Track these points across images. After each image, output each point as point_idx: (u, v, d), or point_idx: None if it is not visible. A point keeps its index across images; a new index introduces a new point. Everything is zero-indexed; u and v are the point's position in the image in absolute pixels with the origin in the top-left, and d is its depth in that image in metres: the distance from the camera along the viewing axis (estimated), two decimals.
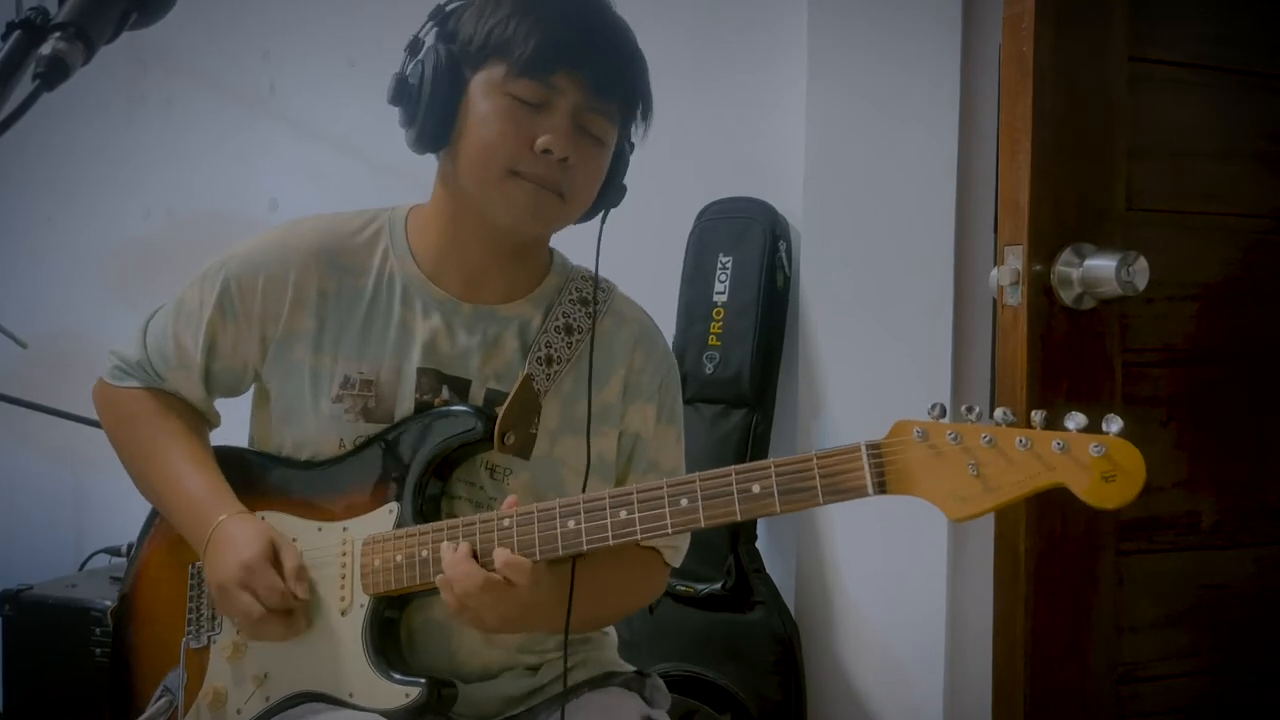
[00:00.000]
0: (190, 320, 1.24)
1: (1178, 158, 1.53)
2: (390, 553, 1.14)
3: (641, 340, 1.26)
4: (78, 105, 2.46)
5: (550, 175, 1.14)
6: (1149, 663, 1.56)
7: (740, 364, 2.03)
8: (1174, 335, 1.55)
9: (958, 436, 0.93)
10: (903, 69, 1.89)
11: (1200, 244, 1.55)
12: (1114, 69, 1.47)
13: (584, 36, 1.13)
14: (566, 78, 1.12)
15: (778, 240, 2.05)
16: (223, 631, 1.22)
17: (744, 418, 2.03)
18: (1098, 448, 0.89)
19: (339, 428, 1.19)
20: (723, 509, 1.03)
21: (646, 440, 1.26)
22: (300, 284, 1.20)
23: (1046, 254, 1.43)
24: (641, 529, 1.06)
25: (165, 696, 1.21)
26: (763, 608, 1.99)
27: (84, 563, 2.32)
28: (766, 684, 1.97)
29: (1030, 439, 0.91)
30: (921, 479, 0.95)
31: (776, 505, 1.00)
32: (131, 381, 1.27)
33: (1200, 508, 1.57)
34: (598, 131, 1.16)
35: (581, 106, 1.14)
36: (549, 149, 1.12)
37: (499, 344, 1.21)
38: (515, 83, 1.13)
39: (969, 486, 0.93)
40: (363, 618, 1.15)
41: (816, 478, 0.99)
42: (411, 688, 1.11)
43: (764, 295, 2.03)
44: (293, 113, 2.46)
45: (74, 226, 2.61)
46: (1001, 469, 0.91)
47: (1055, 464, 0.90)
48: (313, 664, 1.16)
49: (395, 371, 1.19)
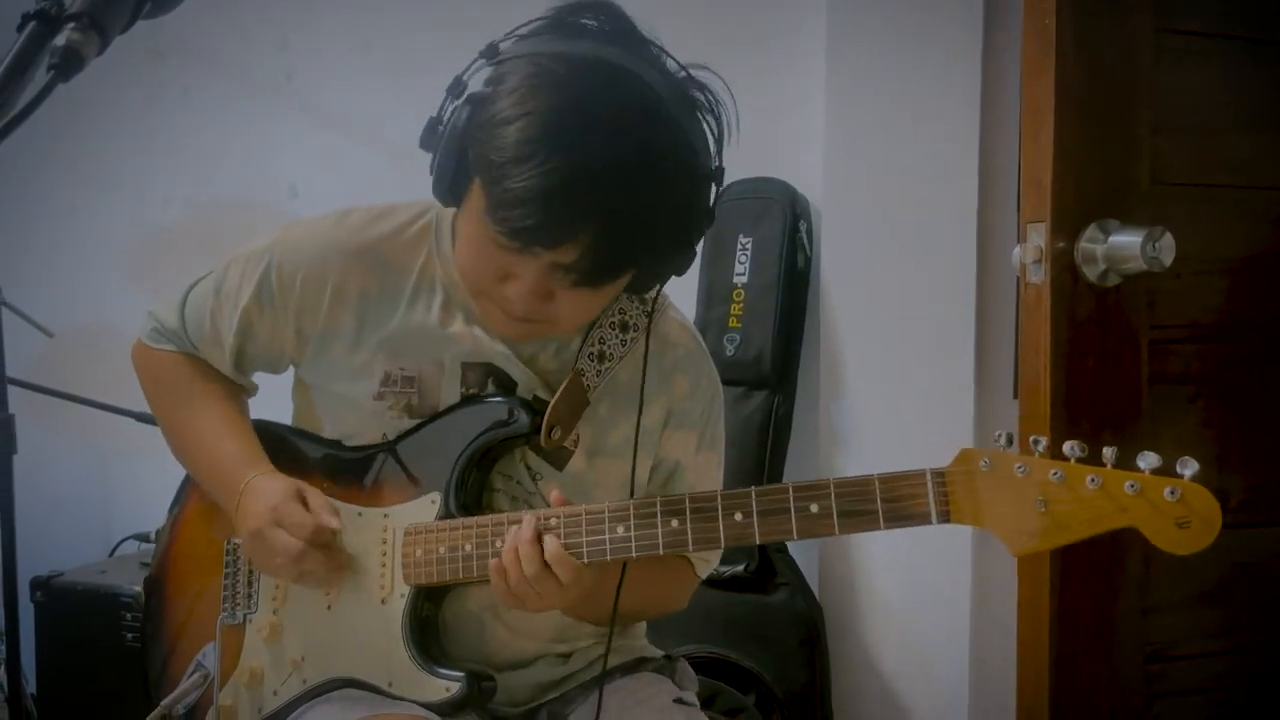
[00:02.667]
0: (228, 301, 1.22)
1: (1204, 131, 1.51)
2: (433, 544, 1.13)
3: (688, 367, 1.20)
4: (97, 95, 2.47)
5: (514, 311, 1.06)
6: (1177, 642, 1.55)
7: (761, 346, 2.02)
8: (1201, 311, 1.53)
9: (1026, 469, 0.91)
10: (923, 45, 1.87)
11: (1227, 218, 1.53)
12: (1139, 41, 1.45)
13: (577, 216, 0.96)
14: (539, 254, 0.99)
15: (798, 220, 2.04)
16: (259, 610, 1.21)
17: (765, 400, 2.02)
18: (1173, 492, 0.87)
19: (382, 424, 1.18)
20: (778, 526, 1.01)
21: (686, 467, 1.22)
22: (340, 284, 1.17)
23: (1070, 231, 1.42)
24: (693, 540, 1.04)
25: (199, 671, 1.21)
26: (786, 589, 1.99)
27: (113, 549, 2.35)
28: (790, 665, 1.97)
29: (1102, 478, 0.88)
30: (987, 511, 0.93)
31: (835, 527, 0.98)
32: (168, 345, 1.27)
33: (1228, 485, 1.55)
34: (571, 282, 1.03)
35: (570, 284, 1.02)
36: (510, 299, 1.04)
37: (535, 362, 1.18)
38: (488, 217, 0.99)
39: (1036, 522, 0.91)
40: (402, 608, 1.14)
41: (878, 501, 0.97)
42: (452, 682, 1.11)
43: (785, 276, 2.02)
44: (310, 99, 2.46)
45: (96, 216, 2.63)
46: (1071, 508, 0.89)
47: (1128, 505, 0.88)
48: (351, 650, 1.16)
49: (438, 365, 1.17)
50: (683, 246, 1.07)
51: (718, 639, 1.96)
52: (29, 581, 2.09)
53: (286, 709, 1.18)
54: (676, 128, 1.01)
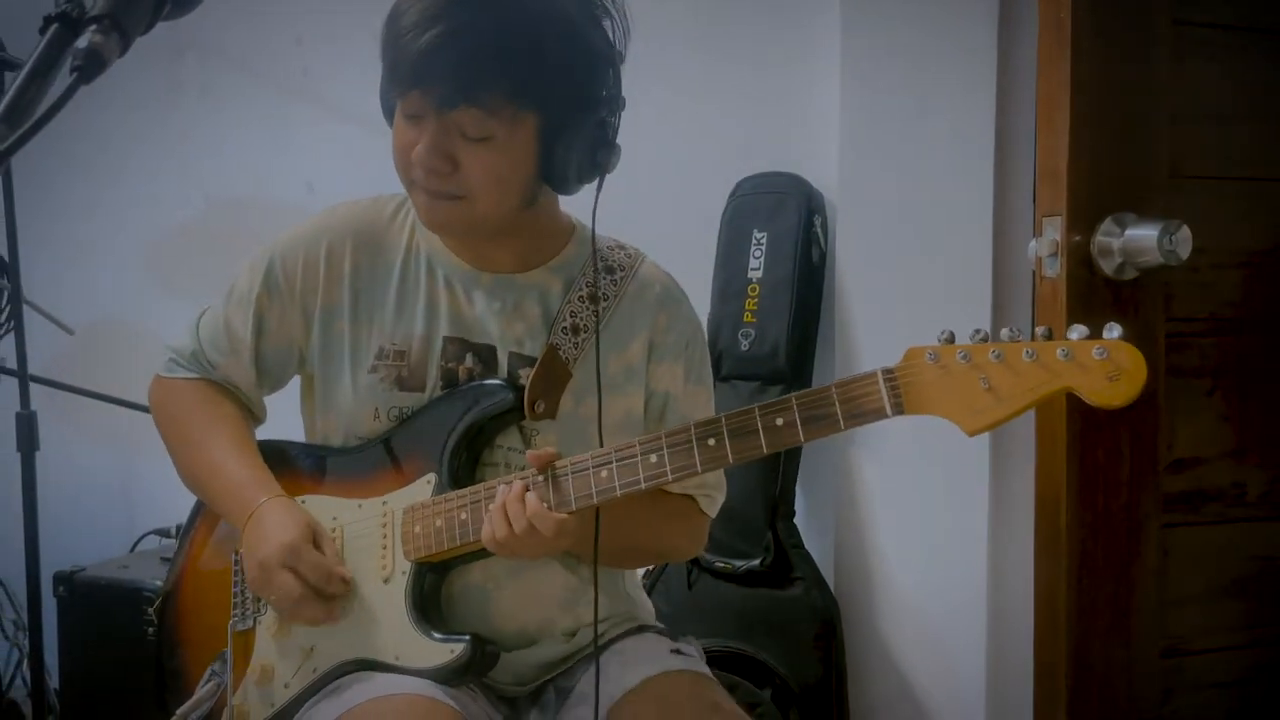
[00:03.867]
0: (241, 303, 1.28)
1: (1221, 123, 1.50)
2: (430, 518, 1.18)
3: (665, 302, 1.28)
4: (117, 93, 2.48)
5: (433, 184, 1.16)
6: (1195, 636, 1.54)
7: (776, 340, 2.02)
8: (1219, 304, 1.52)
9: (967, 355, 0.99)
10: (938, 38, 1.86)
11: (1244, 211, 1.53)
12: (1155, 33, 1.44)
13: (428, 46, 1.09)
14: (421, 93, 1.12)
15: (813, 215, 2.03)
16: (268, 612, 1.24)
17: (780, 394, 2.01)
18: (1100, 351, 0.93)
19: (374, 398, 1.23)
20: (749, 444, 1.06)
21: (678, 398, 1.28)
22: (332, 259, 1.25)
23: (1086, 224, 1.41)
24: (671, 469, 1.09)
25: (213, 680, 1.24)
26: (802, 583, 1.99)
27: (135, 544, 2.37)
28: (806, 659, 1.97)
29: (1036, 350, 0.96)
30: (936, 397, 1.00)
31: (800, 434, 1.04)
32: (184, 372, 1.31)
33: (1247, 478, 1.55)
34: (475, 132, 1.13)
35: (444, 114, 1.13)
36: (415, 163, 1.15)
37: (519, 310, 1.24)
38: (392, 93, 1.17)
39: (981, 399, 0.98)
40: (405, 583, 1.18)
41: (836, 404, 1.03)
42: (455, 644, 1.15)
43: (799, 270, 2.01)
44: (326, 96, 2.47)
45: (116, 214, 2.65)
46: (1011, 380, 0.97)
47: (1061, 371, 0.95)
48: (358, 633, 1.19)
49: (425, 341, 1.23)
50: (569, 106, 1.14)
51: (734, 633, 1.96)
52: (51, 576, 2.10)
53: (297, 702, 1.21)
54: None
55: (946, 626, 1.93)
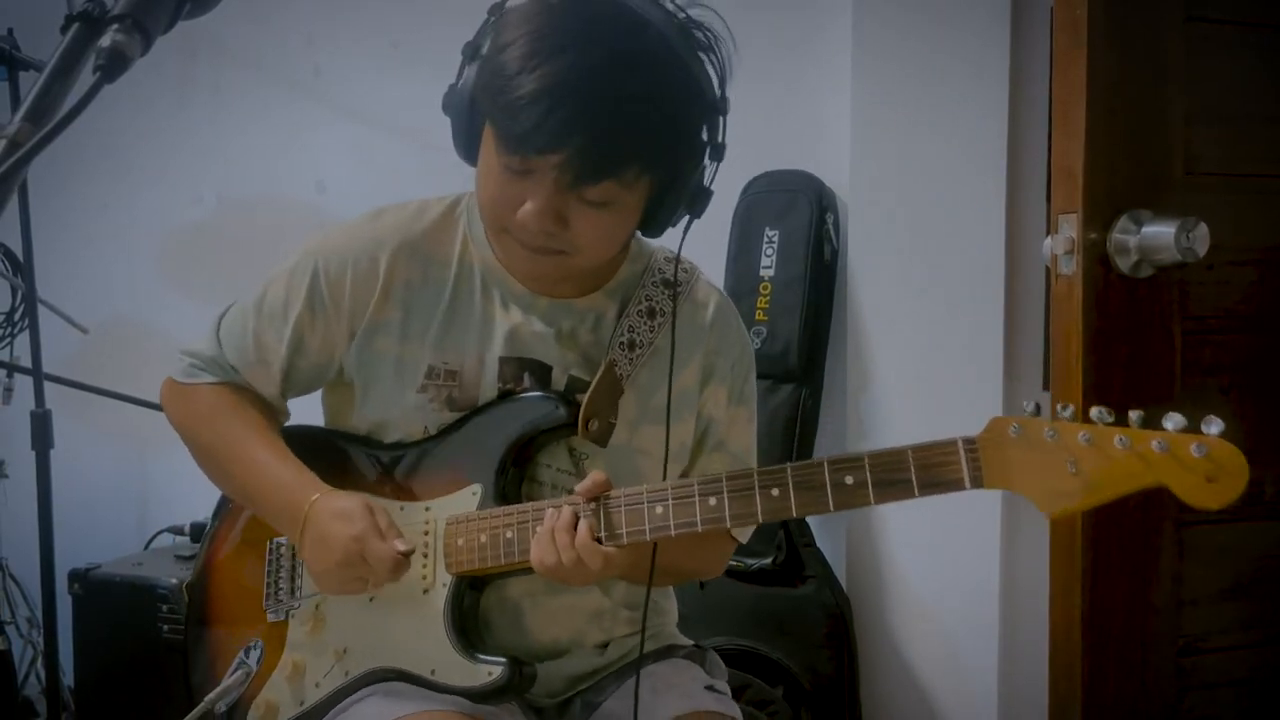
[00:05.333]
0: (274, 319, 1.22)
1: (1237, 120, 1.50)
2: (474, 533, 1.15)
3: (716, 322, 1.24)
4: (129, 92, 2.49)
5: (539, 241, 1.09)
6: (1211, 634, 1.54)
7: (788, 338, 2.02)
8: (1235, 301, 1.52)
9: (1055, 434, 0.93)
10: (950, 36, 1.86)
11: (1262, 208, 1.52)
12: (1171, 30, 1.44)
13: (565, 119, 1.01)
14: (546, 159, 1.03)
15: (825, 213, 2.03)
16: (302, 604, 1.23)
17: (792, 392, 2.02)
18: (1199, 448, 0.89)
19: (424, 416, 1.19)
20: (815, 500, 1.02)
21: (718, 422, 1.25)
22: (389, 276, 1.19)
23: (1102, 222, 1.41)
24: (731, 515, 1.06)
25: (242, 669, 1.22)
26: (813, 581, 1.99)
27: (149, 541, 2.38)
28: (818, 657, 1.97)
29: (1130, 438, 0.90)
30: (1018, 474, 0.95)
31: (871, 496, 1.00)
32: (206, 377, 1.26)
33: (1263, 477, 1.54)
34: (596, 198, 1.07)
35: (567, 184, 1.05)
36: (524, 224, 1.07)
37: (575, 336, 1.21)
38: (500, 146, 1.06)
39: (1067, 482, 0.93)
40: (445, 596, 1.15)
41: (912, 469, 0.99)
42: (494, 667, 1.12)
43: (811, 269, 2.01)
44: (337, 95, 2.48)
45: (128, 213, 2.66)
46: (1101, 468, 0.91)
47: (1156, 464, 0.90)
48: (394, 640, 1.17)
49: (478, 361, 1.19)
50: (684, 164, 1.10)
51: (746, 632, 1.96)
52: (66, 574, 2.11)
53: (328, 702, 1.19)
54: (666, 45, 1.06)
55: (959, 624, 1.93)
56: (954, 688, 1.96)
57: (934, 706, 1.98)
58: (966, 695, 1.94)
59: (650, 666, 1.23)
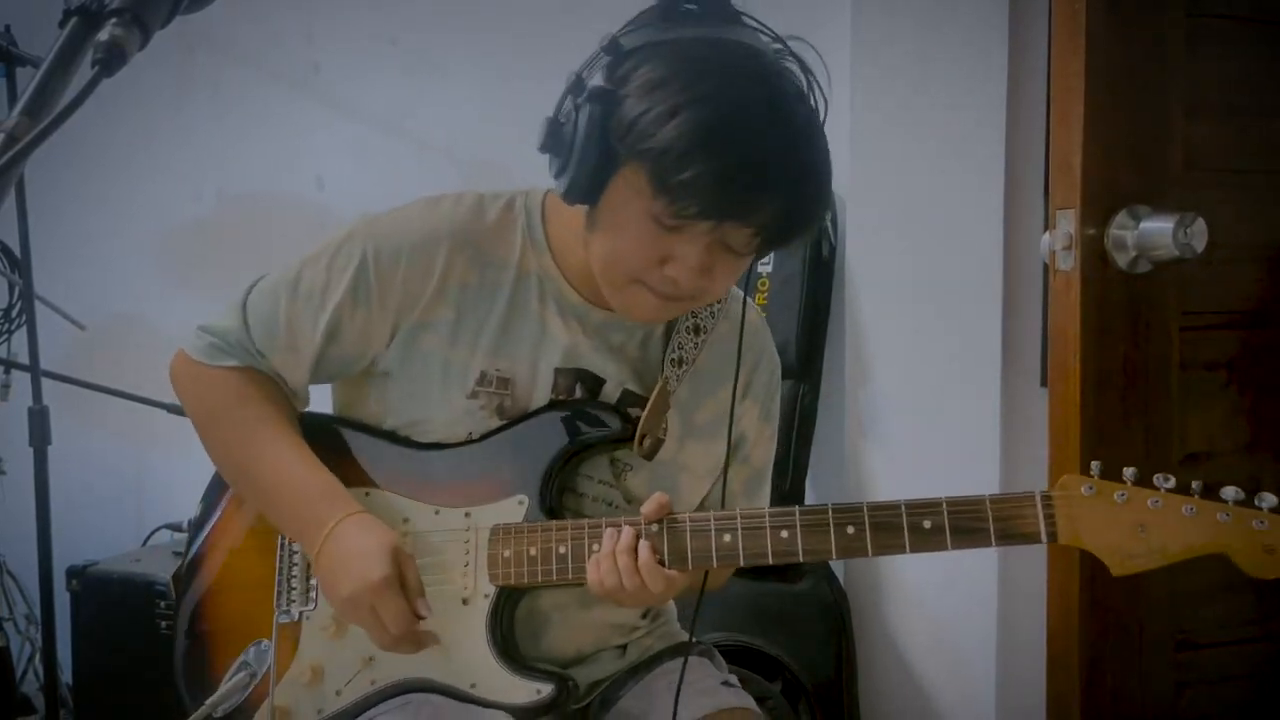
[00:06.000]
0: (310, 302, 1.15)
1: (1236, 115, 1.50)
2: (523, 545, 1.11)
3: (755, 340, 1.23)
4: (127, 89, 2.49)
5: (677, 292, 1.06)
6: (1208, 630, 1.54)
7: (786, 335, 2.02)
8: (1234, 297, 1.52)
9: (1125, 496, 1.00)
10: (948, 33, 1.86)
11: (1261, 203, 1.52)
12: (1171, 25, 1.44)
13: (751, 188, 0.99)
14: (716, 224, 1.01)
15: None
16: (318, 608, 1.16)
17: (791, 389, 2.02)
18: (1260, 523, 0.97)
19: (471, 422, 1.14)
20: (892, 541, 1.04)
21: (750, 439, 1.24)
22: (445, 273, 1.13)
23: (1100, 217, 1.41)
24: (804, 550, 1.06)
25: (244, 671, 1.15)
26: (811, 577, 1.99)
27: (146, 538, 2.38)
28: (816, 652, 1.98)
29: (1196, 508, 0.98)
30: (1090, 533, 1.01)
31: (948, 542, 1.03)
32: (229, 360, 1.17)
33: (1261, 472, 1.54)
34: (744, 250, 1.05)
35: (729, 239, 1.03)
36: (676, 279, 1.04)
37: (624, 350, 1.19)
38: (656, 203, 1.00)
39: (1136, 544, 1.00)
40: (487, 608, 1.11)
41: (989, 520, 1.02)
42: (543, 685, 1.09)
43: (809, 265, 2.01)
44: (336, 92, 2.48)
45: (127, 210, 2.65)
46: (1169, 533, 0.99)
47: (1220, 533, 0.98)
48: (429, 651, 1.11)
49: (532, 369, 1.15)
50: (818, 224, 1.10)
51: (744, 627, 1.96)
52: (64, 571, 2.11)
53: (350, 712, 1.14)
54: (807, 96, 1.06)
55: (956, 619, 1.93)
56: (952, 683, 1.96)
57: (932, 701, 1.98)
58: (964, 690, 1.95)
59: (666, 664, 1.22)
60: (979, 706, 1.92)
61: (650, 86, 0.99)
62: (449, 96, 2.37)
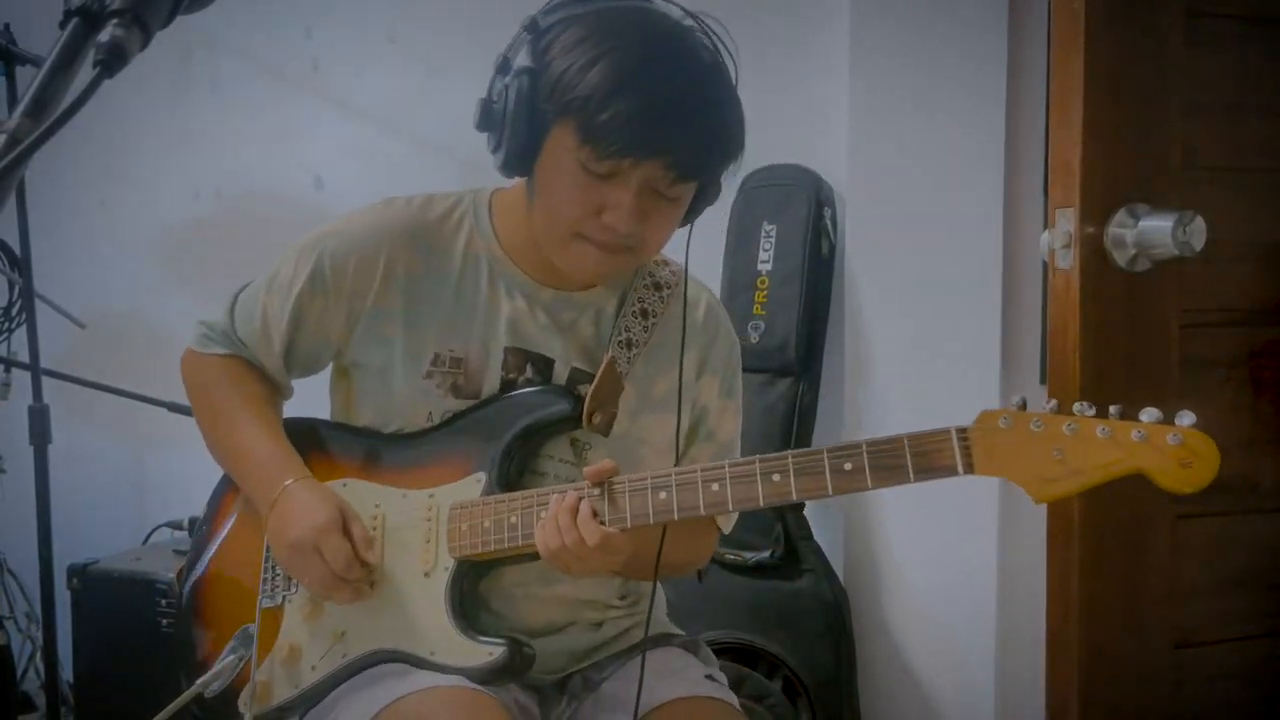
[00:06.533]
0: (279, 293, 1.26)
1: (1236, 113, 1.50)
2: (478, 518, 1.18)
3: (709, 319, 1.29)
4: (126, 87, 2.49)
5: (616, 241, 1.14)
6: (1207, 628, 1.54)
7: (786, 333, 2.02)
8: (1233, 296, 1.52)
9: (1041, 424, 1.01)
10: (947, 30, 1.86)
11: (1260, 201, 1.52)
12: (1170, 22, 1.44)
13: (666, 121, 1.08)
14: (639, 162, 1.09)
15: (822, 207, 2.03)
16: (298, 590, 1.24)
17: (790, 387, 2.03)
18: (1174, 437, 0.96)
19: (429, 403, 1.23)
20: (815, 484, 1.07)
21: (710, 411, 1.29)
22: (390, 263, 1.22)
23: (1099, 215, 1.41)
24: (733, 500, 1.09)
25: (234, 654, 1.24)
26: (811, 575, 2.00)
27: (147, 536, 2.38)
28: (816, 651, 1.98)
29: (1111, 428, 0.98)
30: (1007, 461, 1.01)
31: (868, 480, 1.05)
32: (216, 348, 1.31)
33: (1260, 470, 1.55)
34: (673, 194, 1.14)
35: (655, 182, 1.12)
36: (613, 226, 1.12)
37: (575, 328, 1.25)
38: (583, 150, 1.10)
39: (1053, 469, 1.00)
40: (446, 579, 1.18)
41: (907, 455, 1.04)
42: (494, 647, 1.15)
43: (809, 263, 2.01)
44: (336, 90, 2.48)
45: (126, 208, 2.65)
46: (1085, 454, 0.99)
47: (1135, 451, 0.97)
48: (393, 622, 1.19)
49: (483, 349, 1.23)
50: (730, 163, 1.17)
51: (744, 625, 1.97)
52: (65, 569, 2.12)
53: (325, 684, 1.21)
54: (714, 49, 1.16)
55: (956, 617, 1.93)
56: (951, 680, 1.97)
57: (932, 699, 1.98)
58: (964, 688, 1.95)
59: (649, 652, 1.24)
60: (979, 703, 1.92)
61: (571, 45, 1.10)
62: (449, 95, 2.37)
